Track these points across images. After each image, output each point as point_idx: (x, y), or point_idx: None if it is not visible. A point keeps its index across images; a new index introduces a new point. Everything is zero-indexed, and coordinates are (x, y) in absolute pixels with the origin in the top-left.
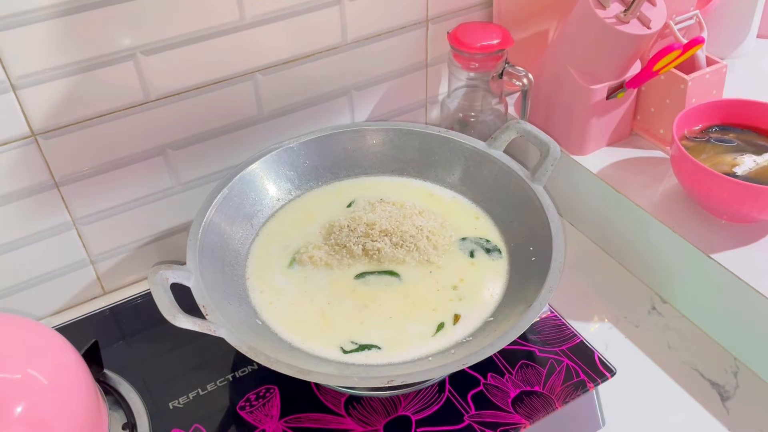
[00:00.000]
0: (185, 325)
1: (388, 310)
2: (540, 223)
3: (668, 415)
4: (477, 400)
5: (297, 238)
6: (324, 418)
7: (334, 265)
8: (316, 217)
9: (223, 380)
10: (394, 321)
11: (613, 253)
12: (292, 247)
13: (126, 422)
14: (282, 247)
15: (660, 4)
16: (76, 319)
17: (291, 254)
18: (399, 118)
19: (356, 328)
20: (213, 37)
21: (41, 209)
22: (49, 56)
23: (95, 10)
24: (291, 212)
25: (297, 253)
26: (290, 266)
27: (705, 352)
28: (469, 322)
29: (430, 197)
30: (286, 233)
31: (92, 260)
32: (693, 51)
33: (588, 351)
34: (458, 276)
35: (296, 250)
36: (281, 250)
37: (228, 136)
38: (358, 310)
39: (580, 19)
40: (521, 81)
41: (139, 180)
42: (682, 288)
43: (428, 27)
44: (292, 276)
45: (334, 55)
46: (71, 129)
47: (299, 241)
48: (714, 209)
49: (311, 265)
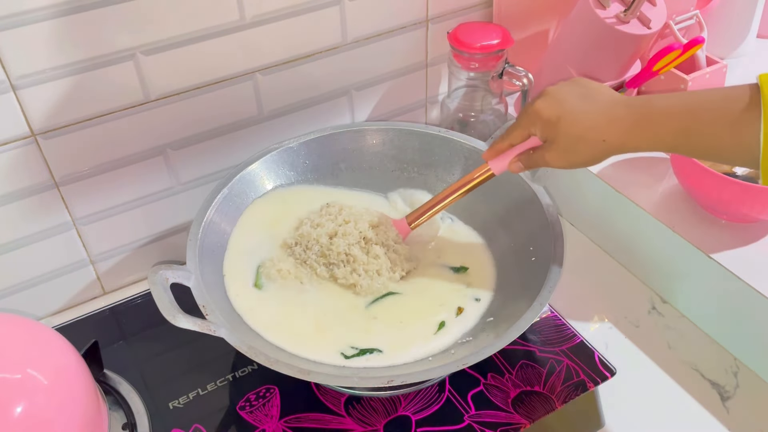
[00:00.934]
0: (185, 325)
1: (397, 316)
2: (540, 223)
3: (668, 415)
4: (477, 400)
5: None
6: (324, 418)
7: (304, 280)
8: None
9: (223, 380)
10: (403, 324)
11: (613, 253)
12: (258, 255)
13: (126, 422)
14: (248, 254)
15: (660, 4)
16: (76, 319)
17: (255, 265)
18: (399, 118)
19: (360, 336)
20: (213, 37)
21: (41, 209)
22: (49, 56)
23: (95, 10)
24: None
25: (262, 266)
26: (257, 285)
27: (705, 352)
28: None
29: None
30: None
31: (92, 260)
32: (693, 51)
33: (588, 351)
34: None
35: (260, 263)
36: (248, 257)
37: (228, 136)
38: (368, 320)
39: (580, 19)
40: (521, 81)
41: (139, 180)
42: (682, 288)
43: (428, 27)
44: (267, 289)
45: (334, 54)
46: (71, 129)
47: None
48: (714, 209)
49: (281, 280)
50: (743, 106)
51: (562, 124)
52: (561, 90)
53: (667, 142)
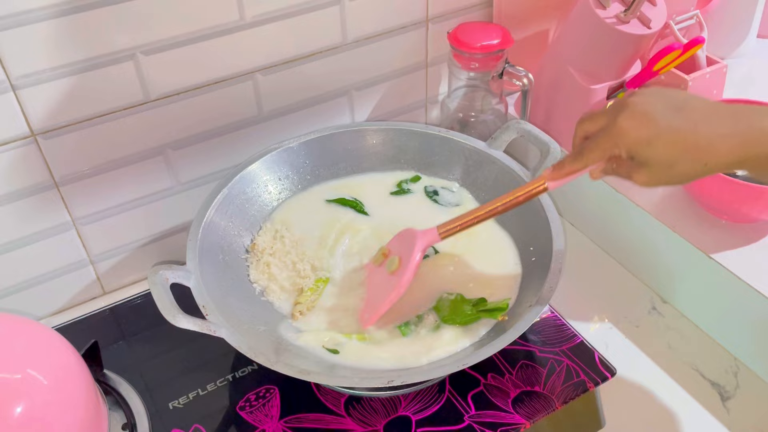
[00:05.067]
0: (185, 325)
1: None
2: (540, 223)
3: (668, 415)
4: (477, 400)
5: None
6: (324, 419)
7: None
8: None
9: (223, 380)
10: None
11: (613, 253)
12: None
13: (126, 422)
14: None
15: (660, 4)
16: (76, 319)
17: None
18: (399, 118)
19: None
20: (213, 37)
21: (41, 209)
22: (49, 56)
23: (95, 10)
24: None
25: (296, 307)
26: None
27: (705, 352)
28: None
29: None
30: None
31: (92, 260)
32: (693, 51)
33: (588, 351)
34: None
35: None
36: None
37: (228, 136)
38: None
39: (580, 19)
40: (521, 81)
41: (139, 180)
42: (682, 288)
43: (428, 27)
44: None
45: (334, 54)
46: (71, 129)
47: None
48: (714, 209)
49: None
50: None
51: (657, 145)
52: (648, 102)
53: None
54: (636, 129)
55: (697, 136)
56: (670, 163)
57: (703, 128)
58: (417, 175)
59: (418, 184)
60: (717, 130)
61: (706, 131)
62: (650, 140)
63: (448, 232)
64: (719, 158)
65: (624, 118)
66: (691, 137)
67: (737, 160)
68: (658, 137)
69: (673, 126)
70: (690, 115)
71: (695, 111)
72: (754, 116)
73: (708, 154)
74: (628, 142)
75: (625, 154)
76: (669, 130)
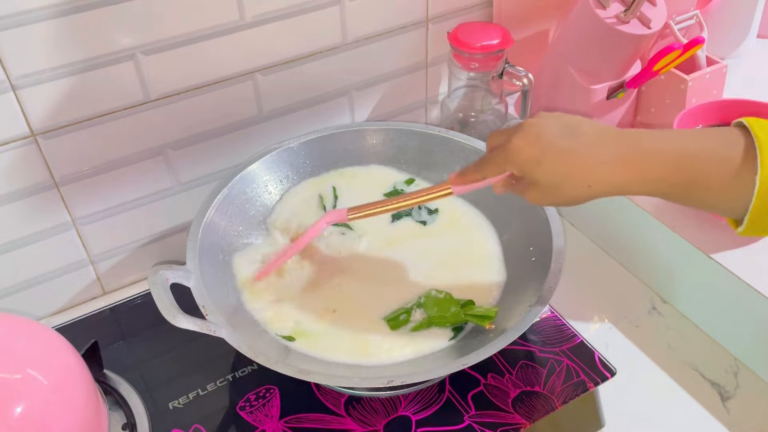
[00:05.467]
0: (185, 325)
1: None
2: (540, 223)
3: (668, 415)
4: (477, 400)
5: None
6: (324, 419)
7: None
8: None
9: (223, 380)
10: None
11: (613, 253)
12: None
13: (126, 422)
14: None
15: (660, 4)
16: (76, 319)
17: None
18: (399, 118)
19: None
20: (213, 37)
21: (41, 209)
22: (49, 56)
23: (95, 10)
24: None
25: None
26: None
27: (705, 352)
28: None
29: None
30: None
31: (92, 260)
32: (693, 51)
33: (588, 351)
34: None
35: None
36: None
37: (228, 136)
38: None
39: (580, 19)
40: (521, 81)
41: (139, 180)
42: (682, 288)
43: (428, 27)
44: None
45: (334, 54)
46: (71, 129)
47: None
48: None
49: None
50: (739, 156)
51: (545, 166)
52: (543, 124)
53: (660, 189)
54: (526, 149)
55: (582, 159)
56: (557, 184)
57: (587, 152)
58: (411, 178)
59: (412, 186)
60: (600, 154)
61: (590, 155)
62: (539, 160)
63: (355, 215)
64: (602, 180)
65: (518, 138)
66: (575, 160)
67: (621, 183)
68: (545, 158)
69: (560, 148)
70: (579, 138)
71: (584, 135)
72: (637, 139)
73: (590, 177)
74: (519, 161)
75: (518, 171)
76: (556, 152)
